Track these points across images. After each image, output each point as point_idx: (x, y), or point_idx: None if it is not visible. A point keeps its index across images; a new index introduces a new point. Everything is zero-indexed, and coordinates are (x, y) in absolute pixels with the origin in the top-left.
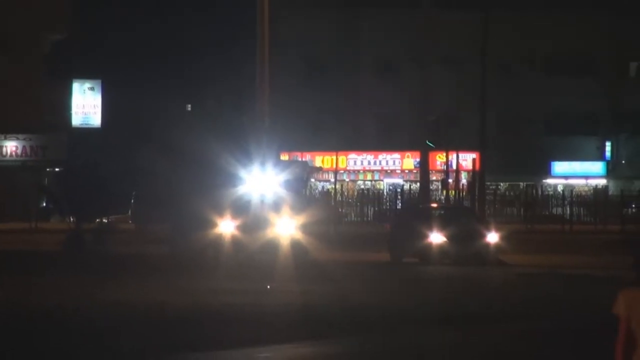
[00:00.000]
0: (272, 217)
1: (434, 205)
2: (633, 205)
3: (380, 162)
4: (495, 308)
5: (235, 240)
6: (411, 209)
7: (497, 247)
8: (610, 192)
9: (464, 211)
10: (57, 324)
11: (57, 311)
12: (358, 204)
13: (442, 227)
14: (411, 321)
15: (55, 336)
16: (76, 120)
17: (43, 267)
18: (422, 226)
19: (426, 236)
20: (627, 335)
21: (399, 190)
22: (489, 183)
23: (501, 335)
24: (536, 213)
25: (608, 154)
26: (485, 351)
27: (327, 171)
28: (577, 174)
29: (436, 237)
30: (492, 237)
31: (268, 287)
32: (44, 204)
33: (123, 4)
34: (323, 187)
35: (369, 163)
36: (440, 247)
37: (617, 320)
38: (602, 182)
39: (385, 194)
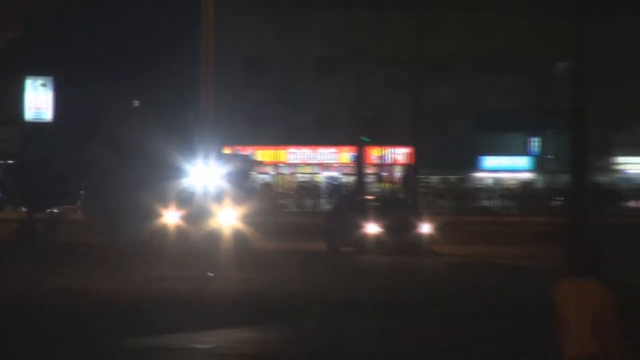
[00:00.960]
0: (215, 208)
1: (370, 197)
2: (558, 198)
3: (318, 155)
4: (424, 295)
5: (179, 230)
6: (347, 200)
7: (430, 237)
8: (536, 186)
9: (399, 203)
10: (10, 309)
11: (10, 297)
12: (297, 195)
13: (377, 218)
14: (344, 308)
15: (7, 321)
16: (29, 115)
17: None
18: (358, 217)
19: (362, 227)
20: (562, 321)
21: (335, 183)
22: (422, 176)
23: (427, 320)
24: (466, 205)
25: (535, 149)
26: (410, 335)
27: (268, 164)
28: (506, 168)
29: (371, 228)
30: (425, 228)
31: (211, 274)
32: None
33: (74, 4)
34: (264, 179)
35: (308, 157)
36: (376, 237)
37: (554, 308)
38: (529, 176)
39: (322, 186)
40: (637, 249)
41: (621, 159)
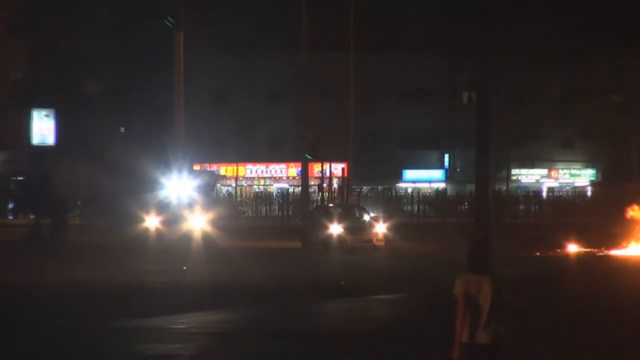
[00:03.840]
0: (187, 214)
1: (333, 204)
2: (466, 203)
3: (270, 170)
4: (370, 283)
5: (158, 232)
6: (317, 208)
7: (384, 235)
8: (448, 193)
9: (358, 208)
10: (20, 296)
11: (21, 286)
12: (253, 203)
13: (340, 221)
14: (297, 294)
15: (17, 306)
16: (35, 139)
17: (7, 254)
18: (325, 221)
19: (327, 228)
20: (464, 311)
21: (284, 192)
22: (354, 187)
23: (368, 303)
24: (392, 209)
25: (447, 163)
26: (352, 314)
27: (230, 178)
28: (423, 179)
29: (335, 229)
30: (380, 228)
31: (184, 268)
32: (11, 205)
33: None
34: (226, 190)
35: (262, 171)
36: (338, 236)
37: (456, 299)
38: (442, 185)
39: (274, 195)
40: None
41: (516, 171)
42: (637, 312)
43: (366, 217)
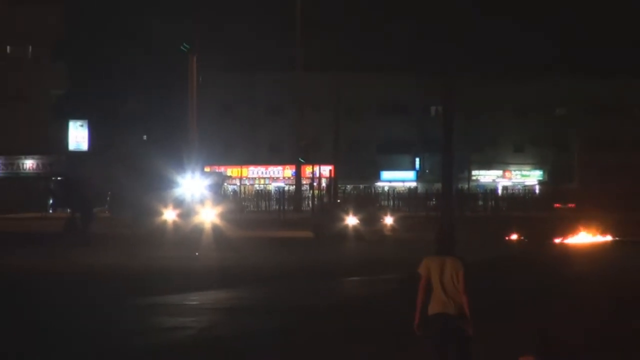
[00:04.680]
0: (199, 208)
1: (344, 199)
2: (433, 199)
3: (269, 172)
4: (359, 266)
5: (175, 224)
6: (329, 202)
7: (392, 226)
8: (419, 191)
9: (370, 202)
10: (55, 279)
11: (56, 270)
12: (255, 199)
13: (355, 213)
14: (297, 276)
15: (48, 286)
16: (71, 146)
17: (48, 242)
18: (339, 212)
19: (342, 219)
20: (426, 286)
21: (281, 190)
22: (340, 185)
23: (351, 283)
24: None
25: (418, 166)
26: (334, 292)
27: (235, 178)
28: (398, 179)
29: (351, 220)
30: (388, 220)
31: (197, 254)
32: (51, 201)
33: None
34: (232, 189)
35: (262, 172)
36: (354, 227)
37: (420, 277)
38: (414, 184)
39: (272, 193)
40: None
41: (476, 172)
42: (575, 289)
43: (376, 210)
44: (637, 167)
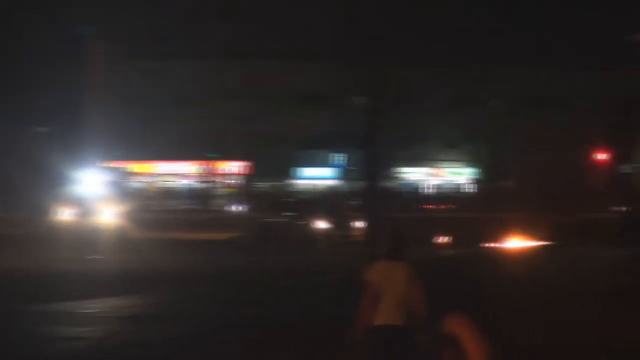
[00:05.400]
0: (100, 207)
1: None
2: (357, 199)
3: (178, 168)
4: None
5: (72, 224)
6: (283, 202)
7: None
8: (342, 190)
9: (336, 203)
10: None
11: None
12: (162, 198)
13: (324, 217)
14: (204, 282)
15: None
16: None
17: None
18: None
19: (303, 220)
20: (373, 294)
21: (190, 188)
22: (255, 183)
23: (265, 290)
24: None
25: (341, 162)
26: (247, 300)
27: (140, 175)
28: (319, 177)
29: (321, 224)
30: (360, 223)
31: (95, 257)
32: None
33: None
34: (137, 186)
35: (170, 169)
36: (317, 230)
37: (367, 283)
38: (336, 182)
39: (181, 191)
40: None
41: (403, 170)
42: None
43: (344, 212)
44: (575, 165)
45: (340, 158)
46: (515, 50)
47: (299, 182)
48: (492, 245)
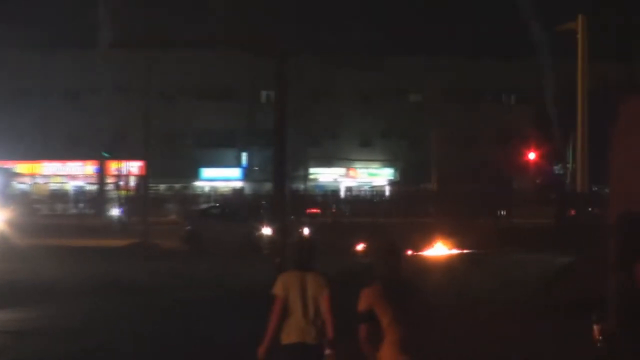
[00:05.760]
0: None
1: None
2: (263, 202)
3: (67, 168)
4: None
5: None
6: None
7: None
8: (245, 192)
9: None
10: None
11: None
12: (50, 201)
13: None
14: (91, 292)
15: None
16: None
17: None
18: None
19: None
20: (281, 309)
21: (81, 191)
22: (152, 185)
23: (155, 301)
24: (187, 208)
25: (245, 162)
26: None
27: (26, 175)
28: (221, 178)
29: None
30: (307, 230)
31: None
32: None
33: None
34: (22, 188)
35: (59, 169)
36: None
37: (274, 297)
38: (240, 184)
39: (71, 193)
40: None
41: (315, 170)
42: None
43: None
44: (498, 164)
45: (243, 157)
46: (436, 40)
47: (200, 183)
48: (413, 253)
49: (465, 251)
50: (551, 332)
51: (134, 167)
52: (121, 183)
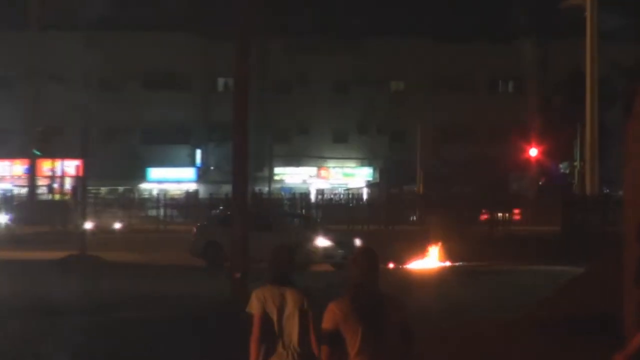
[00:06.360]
0: None
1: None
2: (221, 207)
3: None
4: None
5: None
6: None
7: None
8: (200, 195)
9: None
10: None
11: None
12: None
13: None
14: (14, 311)
15: None
16: None
17: None
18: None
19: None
20: (262, 330)
21: (7, 194)
22: (91, 187)
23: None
24: (133, 214)
25: (199, 161)
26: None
27: None
28: (171, 179)
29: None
30: (322, 241)
31: None
32: None
33: None
34: None
35: None
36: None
37: (252, 317)
38: (194, 186)
39: None
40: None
41: (281, 169)
42: None
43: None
44: (493, 162)
45: (198, 154)
46: (421, 19)
47: (147, 185)
48: (395, 266)
49: (455, 264)
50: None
51: (71, 166)
52: (55, 185)
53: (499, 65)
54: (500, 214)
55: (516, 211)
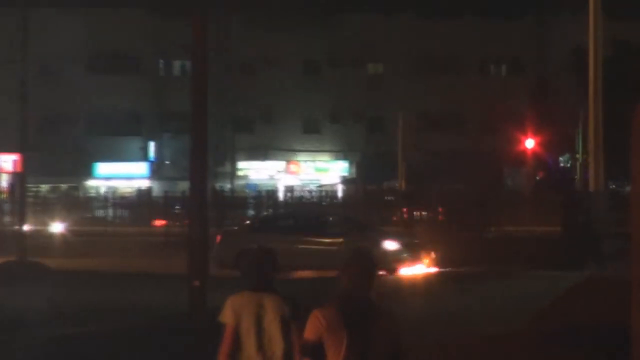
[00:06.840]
0: None
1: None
2: (177, 207)
3: None
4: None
5: None
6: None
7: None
8: (154, 193)
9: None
10: None
11: None
12: None
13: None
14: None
15: None
16: None
17: None
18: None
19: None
20: (233, 342)
21: None
22: (31, 185)
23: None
24: (78, 215)
25: (152, 155)
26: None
27: None
28: (121, 175)
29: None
30: (391, 244)
31: None
32: None
33: None
34: None
35: None
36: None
37: (224, 327)
38: (146, 183)
39: None
40: None
41: (245, 164)
42: None
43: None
44: (485, 155)
45: (151, 148)
46: None
47: (93, 182)
48: (383, 273)
49: (445, 270)
50: None
51: (7, 161)
52: None
53: (492, 45)
54: (492, 214)
55: (510, 210)
